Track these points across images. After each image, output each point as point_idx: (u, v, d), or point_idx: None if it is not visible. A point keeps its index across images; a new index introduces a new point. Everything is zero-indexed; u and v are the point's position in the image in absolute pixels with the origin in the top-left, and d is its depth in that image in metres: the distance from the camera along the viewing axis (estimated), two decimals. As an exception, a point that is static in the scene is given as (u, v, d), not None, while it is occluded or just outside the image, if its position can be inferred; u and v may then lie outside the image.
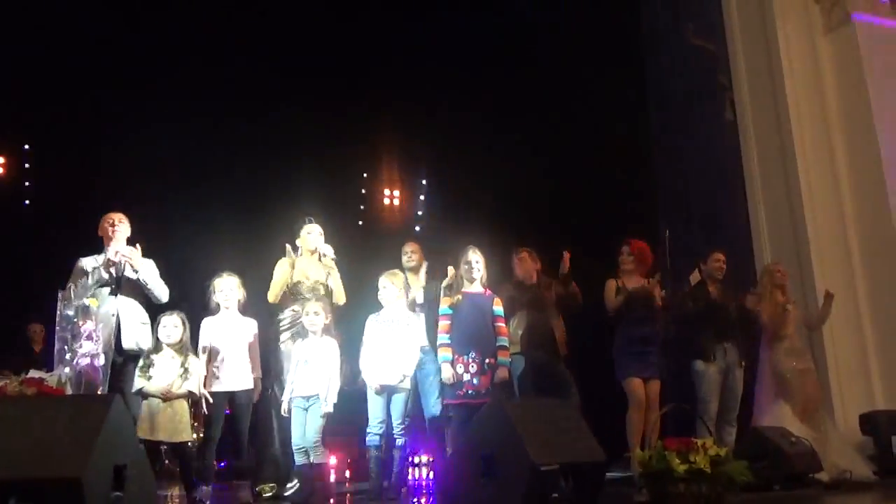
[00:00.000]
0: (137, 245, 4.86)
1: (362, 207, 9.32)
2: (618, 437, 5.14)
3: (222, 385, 4.61)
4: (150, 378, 4.42)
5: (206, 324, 4.75)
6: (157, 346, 4.53)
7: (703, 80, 7.33)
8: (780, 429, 4.84)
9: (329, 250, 5.17)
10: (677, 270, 5.69)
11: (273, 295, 5.02)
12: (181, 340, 4.54)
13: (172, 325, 4.53)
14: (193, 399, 4.52)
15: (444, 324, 4.84)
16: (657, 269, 5.53)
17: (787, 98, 6.64)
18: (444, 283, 5.09)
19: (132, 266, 4.75)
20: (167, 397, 4.40)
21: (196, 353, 4.60)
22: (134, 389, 4.42)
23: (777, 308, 5.50)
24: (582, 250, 6.21)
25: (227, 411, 4.65)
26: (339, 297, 5.12)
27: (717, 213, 7.01)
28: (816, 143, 6.64)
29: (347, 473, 6.34)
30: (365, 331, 4.86)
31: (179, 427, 4.42)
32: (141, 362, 4.48)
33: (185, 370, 4.48)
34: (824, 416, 5.43)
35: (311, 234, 5.18)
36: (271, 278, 5.06)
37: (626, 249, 5.52)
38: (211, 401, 4.58)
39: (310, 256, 5.14)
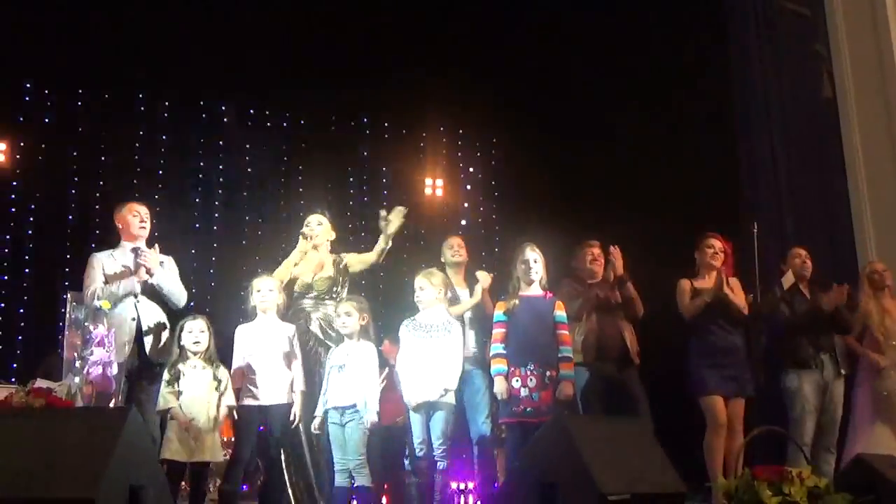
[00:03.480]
0: (156, 246, 4.91)
1: (402, 198, 9.31)
2: (695, 464, 5.05)
3: (257, 400, 4.59)
4: (180, 393, 4.41)
5: (242, 332, 4.75)
6: (183, 355, 4.51)
7: (797, 50, 7.16)
8: (889, 457, 4.70)
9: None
10: (767, 270, 5.58)
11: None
12: (209, 348, 4.55)
13: (199, 331, 4.53)
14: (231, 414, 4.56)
15: (498, 331, 4.79)
16: (737, 269, 5.44)
17: (896, 72, 6.47)
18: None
19: (147, 271, 4.81)
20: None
21: (224, 363, 4.60)
22: (161, 407, 4.40)
23: (876, 316, 5.40)
24: (651, 246, 6.14)
25: (261, 428, 4.65)
26: (365, 258, 5.13)
27: (814, 205, 6.85)
28: (932, 124, 6.45)
29: (384, 501, 6.36)
30: (399, 338, 4.86)
31: (218, 445, 4.46)
32: (166, 375, 4.46)
33: (220, 382, 4.48)
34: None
35: (323, 226, 5.17)
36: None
37: (716, 244, 5.43)
38: (236, 417, 4.60)
39: (303, 254, 5.11)
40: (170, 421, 4.41)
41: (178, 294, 4.96)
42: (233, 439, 4.94)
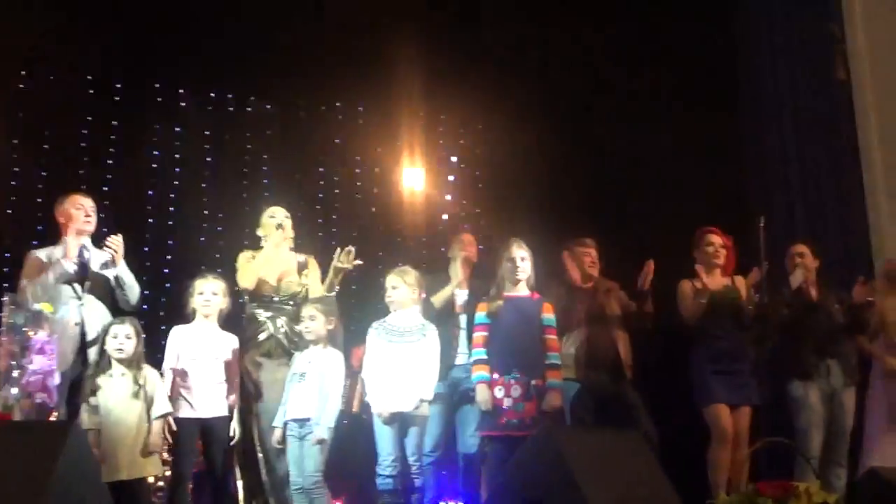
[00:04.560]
0: (120, 235, 4.90)
1: (376, 191, 9.29)
2: (697, 480, 5.07)
3: (193, 411, 4.62)
4: (95, 408, 4.40)
5: (178, 333, 4.77)
6: (103, 364, 4.52)
7: (808, 29, 7.20)
8: (905, 470, 4.74)
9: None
10: (774, 269, 5.60)
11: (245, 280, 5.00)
12: (134, 353, 4.55)
13: (125, 336, 4.54)
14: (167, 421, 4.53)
15: (479, 335, 4.79)
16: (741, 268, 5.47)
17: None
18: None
19: (115, 261, 4.78)
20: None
21: (152, 365, 4.61)
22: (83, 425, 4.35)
23: (892, 316, 5.42)
24: (649, 243, 6.14)
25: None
26: (317, 288, 5.08)
27: (826, 196, 6.89)
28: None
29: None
30: (367, 342, 4.84)
31: (141, 459, 4.42)
32: (85, 388, 4.48)
33: (140, 387, 4.47)
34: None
35: (276, 218, 5.14)
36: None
37: (716, 241, 5.45)
38: (174, 429, 4.57)
39: (276, 249, 5.10)
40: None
41: (135, 291, 4.97)
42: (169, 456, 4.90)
